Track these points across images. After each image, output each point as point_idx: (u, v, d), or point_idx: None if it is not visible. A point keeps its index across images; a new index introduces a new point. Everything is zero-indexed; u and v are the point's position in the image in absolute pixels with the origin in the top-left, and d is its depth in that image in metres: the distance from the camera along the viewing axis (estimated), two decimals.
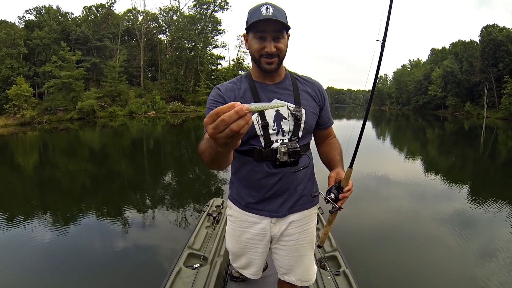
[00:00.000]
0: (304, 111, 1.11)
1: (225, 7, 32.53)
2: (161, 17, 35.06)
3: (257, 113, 1.06)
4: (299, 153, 1.09)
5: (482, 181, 6.90)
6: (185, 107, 30.31)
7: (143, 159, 9.55)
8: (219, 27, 33.89)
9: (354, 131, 1.24)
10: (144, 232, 3.90)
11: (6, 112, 21.41)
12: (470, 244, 3.49)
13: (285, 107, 1.09)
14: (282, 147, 1.06)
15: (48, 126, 20.16)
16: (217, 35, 34.78)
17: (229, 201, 1.27)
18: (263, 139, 1.08)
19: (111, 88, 26.20)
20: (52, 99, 23.26)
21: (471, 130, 21.19)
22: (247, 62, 36.46)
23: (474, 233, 3.78)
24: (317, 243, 1.29)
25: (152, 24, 34.88)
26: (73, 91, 23.32)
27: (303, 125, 1.11)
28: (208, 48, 34.53)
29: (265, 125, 1.07)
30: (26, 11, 33.45)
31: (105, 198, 5.49)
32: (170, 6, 36.39)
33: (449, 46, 49.09)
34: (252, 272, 1.29)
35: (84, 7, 30.40)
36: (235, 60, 37.28)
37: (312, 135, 1.22)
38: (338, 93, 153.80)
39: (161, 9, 38.24)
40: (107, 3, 30.27)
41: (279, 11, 1.00)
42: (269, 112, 1.09)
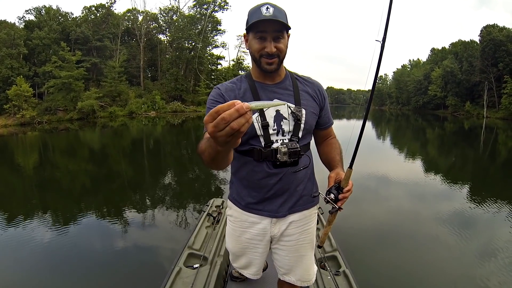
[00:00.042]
0: (304, 111, 1.11)
1: (225, 7, 32.57)
2: (161, 17, 35.09)
3: (257, 113, 1.06)
4: (299, 153, 1.09)
5: (482, 181, 6.90)
6: (185, 107, 30.32)
7: (143, 159, 9.54)
8: (219, 27, 33.92)
9: (354, 131, 1.24)
10: (144, 232, 3.90)
11: (6, 112, 21.41)
12: (470, 244, 3.49)
13: (285, 107, 1.09)
14: (282, 147, 1.06)
15: (48, 126, 20.16)
16: (217, 35, 34.87)
17: (229, 201, 1.27)
18: (263, 139, 1.08)
19: (111, 88, 26.21)
20: (52, 99, 23.26)
21: (471, 130, 21.19)
22: (247, 62, 36.55)
23: (474, 233, 3.78)
24: (317, 243, 1.29)
25: (152, 24, 34.87)
26: (73, 91, 23.33)
27: (303, 125, 1.11)
28: (208, 48, 34.56)
29: (265, 125, 1.07)
30: (26, 11, 33.43)
31: (105, 198, 5.49)
32: (170, 6, 36.43)
33: (449, 46, 49.12)
34: (252, 272, 1.29)
35: (84, 7, 30.45)
36: (235, 60, 37.33)
37: (312, 135, 1.22)
38: (338, 93, 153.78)
39: (161, 9, 38.31)
40: (107, 3, 30.31)
41: (279, 11, 1.00)
42: (269, 112, 1.08)
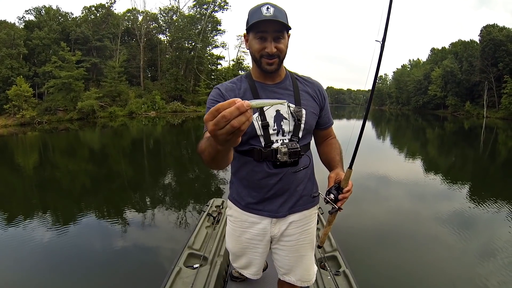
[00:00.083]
0: (304, 111, 1.11)
1: (225, 7, 32.57)
2: (161, 17, 35.08)
3: (257, 113, 1.07)
4: (299, 153, 1.09)
5: (482, 181, 6.89)
6: (185, 107, 30.31)
7: (143, 159, 9.54)
8: (219, 27, 33.93)
9: (354, 131, 1.24)
10: (144, 232, 3.90)
11: (6, 112, 21.40)
12: (470, 244, 3.49)
13: (285, 107, 1.09)
14: (282, 147, 1.06)
15: (48, 126, 20.15)
16: (217, 35, 34.86)
17: (229, 201, 1.26)
18: (263, 139, 1.08)
19: (111, 88, 26.20)
20: (52, 99, 23.25)
21: (471, 130, 21.19)
22: (247, 62, 36.53)
23: (473, 233, 3.78)
24: (317, 243, 1.29)
25: (152, 24, 34.87)
26: (73, 91, 23.32)
27: (303, 125, 1.11)
28: (208, 48, 34.57)
29: (265, 125, 1.07)
30: (26, 11, 33.38)
31: (105, 198, 5.49)
32: (170, 6, 36.41)
33: (449, 46, 49.11)
34: (252, 272, 1.29)
35: (84, 7, 30.43)
36: (235, 60, 37.32)
37: (312, 135, 1.22)
38: (338, 93, 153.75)
39: (161, 9, 38.32)
40: (107, 3, 30.31)
41: (279, 11, 1.00)
42: (269, 112, 1.08)
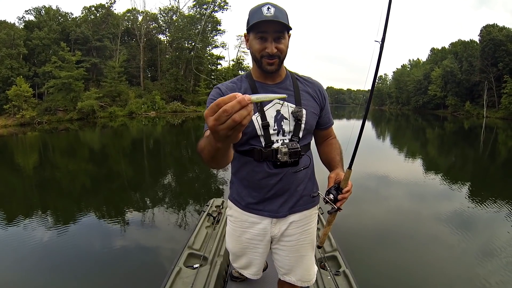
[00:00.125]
0: (304, 111, 1.11)
1: (225, 7, 32.58)
2: (160, 17, 35.08)
3: (257, 113, 1.07)
4: (300, 153, 1.09)
5: (482, 181, 6.90)
6: (185, 107, 30.31)
7: (143, 159, 9.54)
8: (219, 27, 33.92)
9: (353, 131, 1.24)
10: (144, 232, 3.90)
11: (6, 112, 21.38)
12: (469, 244, 3.49)
13: (285, 107, 1.09)
14: (282, 147, 1.06)
15: (48, 126, 20.15)
16: (217, 35, 34.85)
17: (229, 201, 1.26)
18: (263, 139, 1.08)
19: (111, 88, 26.18)
20: (52, 99, 23.23)
21: (471, 129, 21.20)
22: (247, 62, 36.55)
23: (473, 233, 3.78)
24: (317, 243, 1.29)
25: (152, 24, 34.86)
26: (73, 91, 23.31)
27: (303, 125, 1.11)
28: (208, 48, 34.55)
29: (266, 125, 1.07)
30: (25, 11, 33.41)
31: (105, 198, 5.49)
32: (169, 6, 36.41)
33: (449, 46, 49.13)
34: (252, 272, 1.29)
35: (83, 8, 30.42)
36: (235, 60, 37.32)
37: (312, 135, 1.22)
38: (338, 93, 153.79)
39: (160, 9, 38.34)
40: (106, 3, 30.29)
41: (280, 11, 1.00)
42: (269, 112, 1.08)
